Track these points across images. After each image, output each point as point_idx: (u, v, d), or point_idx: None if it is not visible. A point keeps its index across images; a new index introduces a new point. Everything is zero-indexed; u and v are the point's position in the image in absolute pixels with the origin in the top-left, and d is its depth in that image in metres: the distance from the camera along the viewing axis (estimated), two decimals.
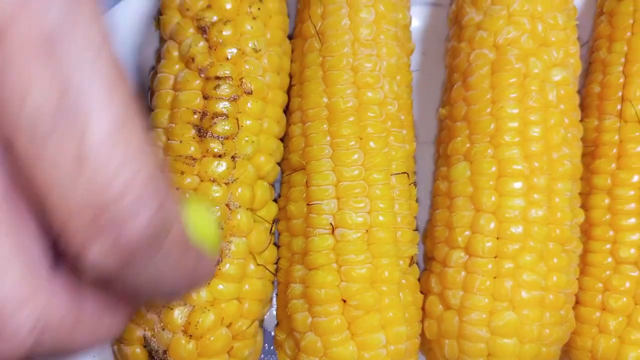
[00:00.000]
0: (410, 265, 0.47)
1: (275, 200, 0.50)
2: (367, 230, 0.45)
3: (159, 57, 0.49)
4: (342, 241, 0.45)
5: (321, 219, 0.46)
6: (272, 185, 0.50)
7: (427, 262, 0.51)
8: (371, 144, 0.47)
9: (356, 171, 0.46)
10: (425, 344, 0.49)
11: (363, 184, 0.46)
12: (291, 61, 0.51)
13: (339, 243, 0.45)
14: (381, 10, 0.49)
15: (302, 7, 0.51)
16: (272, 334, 0.51)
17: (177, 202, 0.24)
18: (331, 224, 0.45)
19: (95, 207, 0.20)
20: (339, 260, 0.45)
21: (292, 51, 0.52)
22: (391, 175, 0.47)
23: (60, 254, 0.23)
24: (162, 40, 0.48)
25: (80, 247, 0.21)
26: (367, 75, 0.47)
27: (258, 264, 0.46)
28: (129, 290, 0.24)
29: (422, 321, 0.48)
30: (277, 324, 0.49)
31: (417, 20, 0.59)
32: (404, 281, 0.46)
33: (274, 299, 0.50)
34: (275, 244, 0.50)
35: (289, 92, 0.51)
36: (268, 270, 0.47)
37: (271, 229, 0.48)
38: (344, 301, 0.44)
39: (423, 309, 0.48)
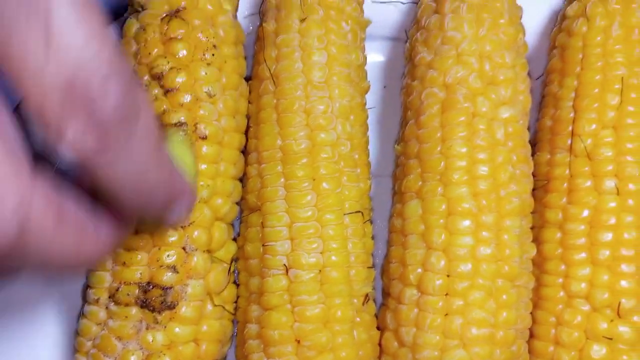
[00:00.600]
0: (364, 303, 0.48)
1: (235, 239, 0.51)
2: (320, 271, 0.46)
3: None
4: (296, 282, 0.46)
5: (275, 260, 0.47)
6: (232, 224, 0.51)
7: (385, 297, 0.51)
8: (324, 184, 0.48)
9: (309, 212, 0.47)
10: None
11: (316, 225, 0.47)
12: (249, 102, 0.53)
13: (292, 284, 0.46)
14: (333, 52, 0.50)
15: (258, 50, 0.53)
16: None
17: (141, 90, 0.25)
18: (285, 265, 0.46)
19: (66, 83, 0.22)
20: (292, 301, 0.46)
21: (250, 92, 0.53)
22: (344, 214, 0.48)
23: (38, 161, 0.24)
24: None
25: (58, 128, 0.22)
26: (319, 117, 0.49)
27: (216, 305, 0.47)
28: (109, 188, 0.25)
29: (380, 357, 0.49)
30: None
31: (381, 56, 0.61)
32: (358, 319, 0.47)
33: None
34: (235, 282, 0.51)
35: (247, 132, 0.52)
36: (226, 310, 0.48)
37: (230, 268, 0.49)
38: (298, 342, 0.45)
39: (380, 345, 0.49)
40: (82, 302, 0.49)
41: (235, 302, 0.50)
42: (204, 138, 0.47)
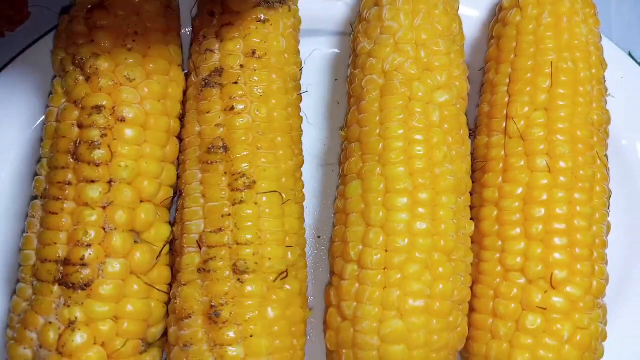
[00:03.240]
0: (277, 279, 0.47)
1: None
2: (230, 248, 0.47)
3: (51, 92, 0.51)
4: (207, 259, 0.47)
5: (190, 237, 0.48)
6: (168, 208, 0.51)
7: (331, 276, 0.53)
8: (242, 165, 0.48)
9: (223, 193, 0.48)
10: (329, 356, 0.51)
11: (228, 204, 0.48)
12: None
13: (204, 261, 0.47)
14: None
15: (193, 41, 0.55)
16: None
17: None
18: (197, 242, 0.47)
19: None
20: (202, 276, 0.47)
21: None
22: (257, 194, 0.48)
23: None
24: (53, 77, 0.51)
25: None
26: (236, 102, 0.50)
27: (147, 284, 0.47)
28: None
29: (325, 333, 0.51)
30: None
31: (336, 49, 0.62)
32: (274, 297, 0.47)
33: None
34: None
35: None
36: (158, 290, 0.48)
37: (161, 251, 0.49)
38: (208, 316, 0.46)
39: (325, 321, 0.51)
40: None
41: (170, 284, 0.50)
42: (123, 121, 0.47)
